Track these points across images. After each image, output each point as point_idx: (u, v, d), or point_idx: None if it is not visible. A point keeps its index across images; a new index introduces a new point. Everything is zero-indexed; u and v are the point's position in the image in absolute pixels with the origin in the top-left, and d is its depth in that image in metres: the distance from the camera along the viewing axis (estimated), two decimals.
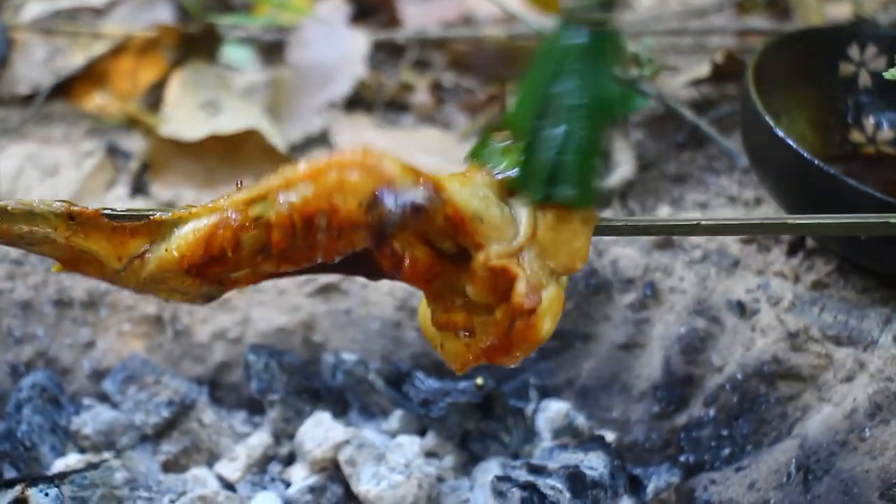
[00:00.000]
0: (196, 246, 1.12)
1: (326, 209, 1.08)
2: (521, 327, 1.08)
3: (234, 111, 2.04)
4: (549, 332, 1.10)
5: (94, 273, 1.13)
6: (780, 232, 1.18)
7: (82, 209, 1.12)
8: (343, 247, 1.10)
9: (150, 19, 2.26)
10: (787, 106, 1.72)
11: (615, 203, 1.82)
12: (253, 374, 1.65)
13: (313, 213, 1.08)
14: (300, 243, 1.10)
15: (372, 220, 1.08)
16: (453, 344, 1.15)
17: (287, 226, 1.10)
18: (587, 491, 1.45)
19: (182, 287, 1.13)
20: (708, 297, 1.68)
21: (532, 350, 1.11)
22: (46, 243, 1.11)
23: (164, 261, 1.12)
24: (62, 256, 1.12)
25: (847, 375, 1.53)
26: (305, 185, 1.09)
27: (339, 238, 1.09)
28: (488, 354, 1.11)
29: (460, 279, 1.12)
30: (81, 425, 1.59)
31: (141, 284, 1.13)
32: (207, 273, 1.12)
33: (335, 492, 1.52)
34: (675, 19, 2.32)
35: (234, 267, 1.12)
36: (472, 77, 2.19)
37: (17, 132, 2.04)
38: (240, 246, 1.11)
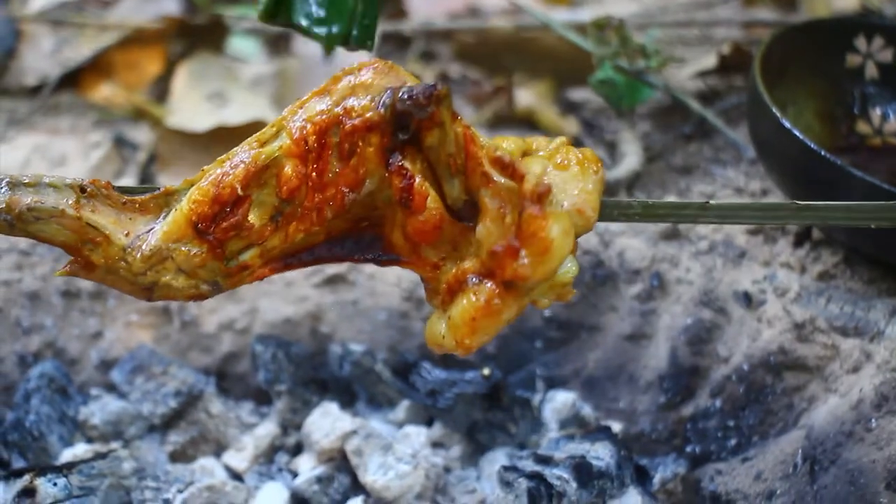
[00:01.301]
0: (206, 193, 1.12)
1: (340, 116, 1.10)
2: (529, 218, 1.06)
3: (241, 102, 2.04)
4: (559, 244, 1.07)
5: (97, 260, 1.12)
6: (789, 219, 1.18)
7: (94, 180, 1.13)
8: (355, 175, 1.10)
9: (156, 11, 2.26)
10: (794, 97, 1.72)
11: (622, 193, 1.82)
12: (260, 364, 1.65)
13: (328, 126, 1.10)
14: (312, 179, 1.11)
15: (385, 115, 1.09)
16: (460, 309, 1.12)
17: (299, 151, 1.11)
18: (594, 481, 1.45)
19: (186, 263, 1.12)
20: (714, 288, 1.68)
21: (541, 262, 1.07)
22: (54, 217, 1.11)
23: (173, 222, 1.12)
24: (67, 239, 1.12)
25: (853, 366, 1.53)
26: (319, 99, 1.12)
27: (351, 157, 1.10)
28: (497, 263, 1.08)
29: (466, 238, 1.12)
30: (89, 415, 1.59)
31: (143, 267, 1.12)
32: (217, 231, 1.12)
33: (342, 482, 1.53)
34: (681, 11, 2.32)
35: (243, 226, 1.12)
36: (479, 68, 2.19)
37: (25, 123, 2.04)
38: (250, 186, 1.12)
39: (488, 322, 1.10)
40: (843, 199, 1.21)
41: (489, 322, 1.10)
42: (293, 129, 1.12)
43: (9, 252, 1.75)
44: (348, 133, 1.11)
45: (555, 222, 1.07)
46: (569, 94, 2.09)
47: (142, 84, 2.15)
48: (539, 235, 1.07)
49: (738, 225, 1.69)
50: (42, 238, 1.12)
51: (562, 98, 2.09)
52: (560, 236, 1.08)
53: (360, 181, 1.11)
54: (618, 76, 1.87)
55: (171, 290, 1.14)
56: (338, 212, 1.12)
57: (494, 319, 1.10)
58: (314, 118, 1.12)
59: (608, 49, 1.85)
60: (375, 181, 1.11)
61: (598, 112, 2.04)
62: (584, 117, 2.04)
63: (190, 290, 1.14)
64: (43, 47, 2.19)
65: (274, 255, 1.14)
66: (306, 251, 1.15)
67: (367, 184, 1.11)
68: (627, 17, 1.99)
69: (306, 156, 1.12)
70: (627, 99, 1.92)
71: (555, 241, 1.07)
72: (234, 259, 1.13)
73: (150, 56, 2.18)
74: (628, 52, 1.85)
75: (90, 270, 1.13)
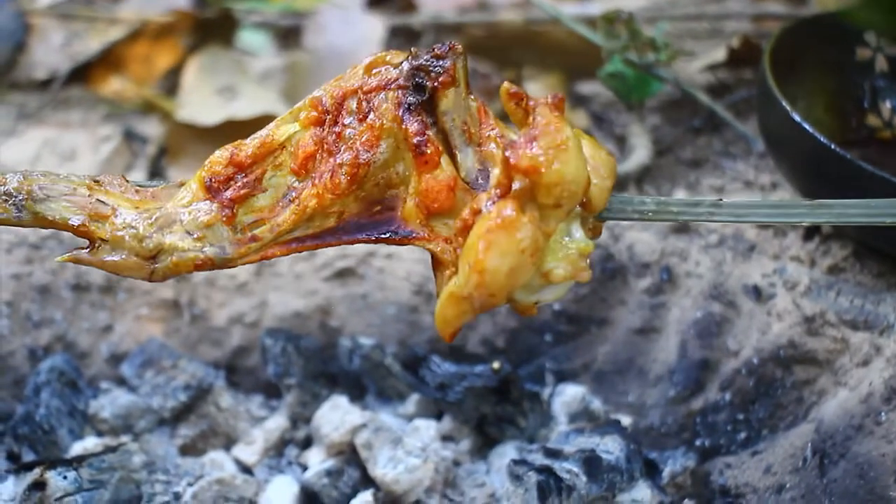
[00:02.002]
0: (221, 154, 1.15)
1: (359, 87, 1.13)
2: (544, 113, 1.07)
3: (251, 96, 2.04)
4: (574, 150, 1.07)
5: (103, 234, 1.12)
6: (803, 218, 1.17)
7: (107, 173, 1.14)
8: (370, 134, 1.12)
9: (166, 4, 2.26)
10: (804, 90, 1.72)
11: (631, 187, 1.82)
12: (270, 358, 1.65)
13: (346, 94, 1.13)
14: (328, 142, 1.12)
15: (403, 71, 1.12)
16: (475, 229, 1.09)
17: (317, 117, 1.14)
18: (603, 475, 1.45)
19: (194, 222, 1.13)
20: (724, 282, 1.68)
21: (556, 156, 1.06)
22: (65, 196, 1.12)
23: (186, 188, 1.14)
24: (74, 217, 1.12)
25: (863, 359, 1.53)
26: (336, 82, 1.15)
27: (367, 117, 1.12)
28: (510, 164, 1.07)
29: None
30: (99, 409, 1.60)
31: (150, 230, 1.12)
32: (229, 192, 1.13)
33: (352, 475, 1.53)
34: (691, 4, 2.32)
35: (256, 189, 1.13)
36: (488, 62, 2.18)
37: (35, 117, 2.04)
38: (266, 158, 1.14)
39: (502, 237, 1.07)
40: (854, 192, 1.21)
41: (503, 237, 1.07)
42: (314, 96, 1.15)
43: (19, 246, 1.75)
44: (366, 92, 1.13)
45: (569, 128, 1.07)
46: (578, 88, 2.09)
47: (152, 78, 2.15)
48: (554, 127, 1.07)
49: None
50: (49, 221, 1.12)
51: (571, 91, 2.09)
52: (575, 143, 1.08)
53: (375, 140, 1.12)
54: (627, 69, 1.87)
55: (177, 256, 1.13)
56: (352, 179, 1.12)
57: (508, 234, 1.07)
58: (333, 90, 1.14)
59: (618, 42, 1.85)
60: (391, 144, 1.12)
61: (607, 105, 2.04)
62: (594, 111, 2.04)
63: (195, 253, 1.13)
64: (53, 41, 2.19)
65: (284, 231, 1.14)
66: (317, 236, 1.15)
67: (382, 146, 1.12)
68: (637, 11, 1.99)
69: (323, 119, 1.14)
70: (637, 92, 1.92)
71: (570, 142, 1.07)
72: (244, 228, 1.14)
73: (160, 50, 2.18)
74: (638, 46, 1.85)
75: (94, 251, 1.13)
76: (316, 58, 2.19)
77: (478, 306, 1.09)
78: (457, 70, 1.12)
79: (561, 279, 1.11)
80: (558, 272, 1.11)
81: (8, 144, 1.94)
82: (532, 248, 1.07)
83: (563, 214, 1.09)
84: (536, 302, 1.13)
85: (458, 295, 1.09)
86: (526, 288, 1.11)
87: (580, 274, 1.12)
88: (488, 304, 1.09)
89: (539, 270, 1.10)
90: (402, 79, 1.12)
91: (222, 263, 1.14)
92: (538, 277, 1.11)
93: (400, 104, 1.12)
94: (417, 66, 1.12)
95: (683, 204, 1.20)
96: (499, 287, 1.08)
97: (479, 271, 1.07)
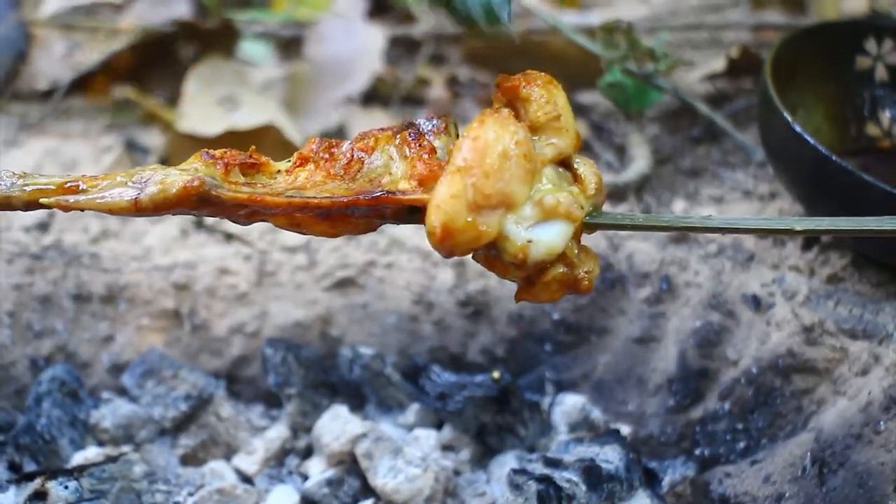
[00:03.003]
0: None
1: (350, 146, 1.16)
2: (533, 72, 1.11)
3: (252, 106, 2.05)
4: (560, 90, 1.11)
5: (91, 184, 1.13)
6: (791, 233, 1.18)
7: None
8: (364, 147, 1.14)
9: (167, 15, 2.27)
10: (804, 99, 1.72)
11: (631, 197, 1.82)
12: (270, 367, 1.65)
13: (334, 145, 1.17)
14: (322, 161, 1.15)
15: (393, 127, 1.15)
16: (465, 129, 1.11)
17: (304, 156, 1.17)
18: (603, 484, 1.45)
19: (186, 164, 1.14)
20: (723, 292, 1.68)
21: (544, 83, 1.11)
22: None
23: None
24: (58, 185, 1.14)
25: (862, 369, 1.53)
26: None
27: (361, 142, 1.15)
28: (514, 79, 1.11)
29: None
30: (100, 419, 1.60)
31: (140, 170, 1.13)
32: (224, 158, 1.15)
33: (352, 485, 1.53)
34: (690, 14, 2.33)
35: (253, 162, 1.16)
36: (488, 71, 2.19)
37: (37, 127, 2.05)
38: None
39: (495, 120, 1.07)
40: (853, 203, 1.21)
41: (496, 121, 1.07)
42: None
43: (20, 256, 1.76)
44: (359, 139, 1.14)
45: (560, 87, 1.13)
46: (578, 98, 2.10)
47: (152, 88, 2.16)
48: (545, 78, 1.13)
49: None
50: (41, 190, 1.13)
51: (571, 101, 2.09)
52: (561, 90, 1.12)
53: (370, 151, 1.13)
54: (626, 79, 1.88)
55: (168, 177, 1.12)
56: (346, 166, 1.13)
57: (502, 122, 1.07)
58: (320, 142, 1.18)
59: (617, 52, 1.85)
60: (385, 155, 1.13)
61: (606, 115, 2.05)
62: (593, 120, 2.05)
63: (186, 175, 1.13)
64: (54, 52, 2.20)
65: (275, 191, 1.14)
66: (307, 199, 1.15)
67: (376, 154, 1.12)
68: (636, 21, 1.99)
69: (317, 147, 1.16)
70: (636, 102, 1.92)
71: (557, 85, 1.12)
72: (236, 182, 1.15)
73: (161, 60, 2.19)
74: (637, 56, 1.85)
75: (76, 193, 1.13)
76: (316, 68, 2.20)
77: (472, 194, 1.06)
78: (448, 122, 1.14)
79: (553, 208, 1.09)
80: (550, 199, 1.09)
81: (10, 155, 1.95)
82: (525, 148, 1.08)
83: (554, 153, 1.10)
84: (530, 241, 1.10)
85: (452, 167, 1.06)
86: (519, 215, 1.09)
87: (572, 208, 1.10)
88: (482, 193, 1.06)
89: (532, 199, 1.09)
90: (394, 128, 1.14)
91: (211, 188, 1.12)
92: (531, 206, 1.09)
93: (394, 135, 1.13)
94: (410, 122, 1.13)
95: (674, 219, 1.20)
96: (492, 167, 1.06)
97: (474, 138, 1.06)
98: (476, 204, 1.06)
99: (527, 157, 1.07)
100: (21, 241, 1.77)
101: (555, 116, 1.09)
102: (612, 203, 1.80)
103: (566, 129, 1.10)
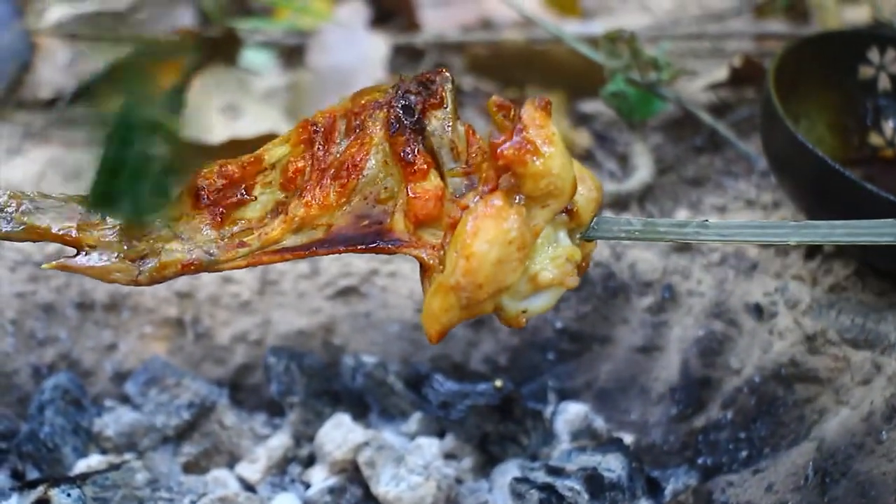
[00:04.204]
0: (211, 167, 1.17)
1: (349, 109, 1.16)
2: (530, 108, 1.08)
3: (254, 115, 2.05)
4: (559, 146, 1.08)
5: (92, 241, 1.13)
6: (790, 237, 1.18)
7: None
8: (359, 148, 1.13)
9: (171, 23, 2.27)
10: (806, 109, 1.72)
11: (633, 206, 1.82)
12: (273, 376, 1.66)
13: (337, 114, 1.16)
14: (317, 157, 1.14)
15: (391, 94, 1.14)
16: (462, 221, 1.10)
17: (307, 135, 1.16)
18: (605, 493, 1.45)
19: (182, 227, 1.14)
20: (726, 300, 1.68)
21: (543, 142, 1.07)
22: (55, 208, 1.15)
23: (175, 199, 1.16)
24: (62, 227, 1.14)
25: (864, 378, 1.53)
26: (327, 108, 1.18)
27: (356, 135, 1.14)
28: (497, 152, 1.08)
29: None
30: (103, 427, 1.60)
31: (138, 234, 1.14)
32: (217, 201, 1.14)
33: (354, 493, 1.53)
34: (693, 23, 2.33)
35: (245, 194, 1.15)
36: (491, 81, 2.19)
37: (40, 136, 2.05)
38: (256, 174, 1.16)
39: (489, 224, 1.07)
40: (856, 212, 1.21)
41: (490, 224, 1.07)
42: (303, 121, 1.18)
43: (23, 264, 1.76)
44: (356, 114, 1.15)
45: (554, 126, 1.09)
46: (580, 107, 2.10)
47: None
48: (539, 122, 1.08)
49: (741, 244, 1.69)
50: (37, 232, 1.13)
51: (573, 110, 2.10)
52: (560, 139, 1.09)
53: (364, 155, 1.13)
54: (629, 89, 1.88)
55: (164, 256, 1.13)
56: (340, 192, 1.13)
57: (496, 222, 1.07)
58: (323, 114, 1.17)
59: (620, 62, 1.86)
60: (380, 160, 1.13)
61: (609, 124, 2.05)
62: (596, 130, 2.05)
63: (182, 254, 1.14)
64: (58, 61, 2.20)
65: (272, 240, 1.14)
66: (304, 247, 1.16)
67: (371, 160, 1.13)
68: (639, 30, 1.99)
69: (313, 139, 1.15)
70: (639, 111, 1.92)
71: (555, 137, 1.08)
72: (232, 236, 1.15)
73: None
74: (640, 65, 1.86)
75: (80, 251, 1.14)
76: (319, 77, 2.20)
77: (465, 301, 1.09)
78: (444, 91, 1.14)
79: (548, 283, 1.11)
80: (545, 275, 1.11)
81: (13, 163, 1.95)
82: (519, 242, 1.08)
83: (550, 215, 1.10)
84: (524, 311, 1.13)
85: (445, 284, 1.09)
86: (513, 293, 1.11)
87: (567, 279, 1.12)
88: (475, 300, 1.09)
89: (527, 274, 1.11)
90: (390, 100, 1.14)
91: (209, 265, 1.14)
92: (526, 282, 1.11)
93: (388, 122, 1.13)
94: (406, 89, 1.14)
95: (670, 224, 1.20)
96: (486, 277, 1.08)
97: (467, 256, 1.07)
98: (469, 305, 1.10)
99: (521, 247, 1.09)
100: (24, 249, 1.77)
101: (549, 191, 1.09)
102: (615, 212, 1.80)
103: (562, 192, 1.10)
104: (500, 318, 1.14)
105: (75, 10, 2.32)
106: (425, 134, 1.13)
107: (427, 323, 1.11)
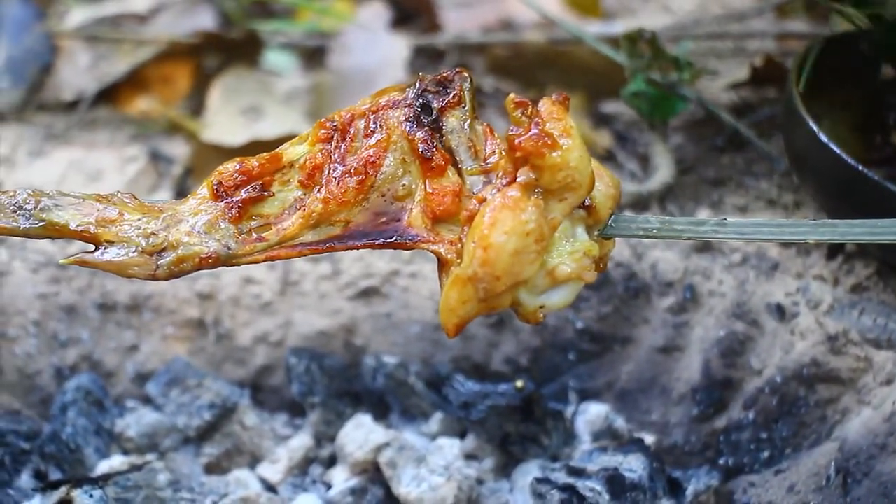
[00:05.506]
0: (231, 163, 1.17)
1: (368, 110, 1.16)
2: (548, 105, 1.09)
3: (276, 116, 2.05)
4: (577, 139, 1.09)
5: (110, 237, 1.14)
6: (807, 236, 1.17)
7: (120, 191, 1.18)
8: (377, 146, 1.14)
9: (192, 25, 2.28)
10: (828, 108, 1.72)
11: (654, 206, 1.82)
12: (294, 377, 1.66)
13: (356, 115, 1.16)
14: (337, 152, 1.15)
15: (410, 94, 1.15)
16: (479, 213, 1.10)
17: (326, 134, 1.16)
18: (626, 493, 1.45)
19: (201, 221, 1.14)
20: (747, 301, 1.68)
21: (561, 135, 1.08)
22: (73, 205, 1.15)
23: (194, 193, 1.17)
24: (81, 223, 1.14)
25: (887, 378, 1.53)
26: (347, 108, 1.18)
27: (374, 133, 1.15)
28: (515, 144, 1.09)
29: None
30: (125, 427, 1.61)
31: (157, 227, 1.14)
32: (236, 196, 1.15)
33: (376, 494, 1.53)
34: (714, 23, 2.32)
35: (264, 190, 1.15)
36: (512, 81, 2.19)
37: (62, 138, 2.06)
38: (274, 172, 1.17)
39: (507, 215, 1.08)
40: (878, 212, 1.21)
41: (508, 215, 1.08)
42: (323, 120, 1.18)
43: (46, 266, 1.77)
44: (374, 112, 1.16)
45: (573, 122, 1.09)
46: (602, 107, 2.10)
47: (177, 98, 2.17)
48: (557, 115, 1.09)
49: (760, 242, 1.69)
50: (56, 229, 1.14)
51: (595, 111, 2.10)
52: (577, 132, 1.09)
53: (382, 152, 1.13)
54: (650, 89, 1.87)
55: (182, 250, 1.14)
56: (358, 188, 1.13)
57: (513, 214, 1.08)
58: (343, 112, 1.17)
59: (641, 62, 1.85)
60: (397, 157, 1.13)
61: (630, 125, 2.04)
62: (617, 130, 2.04)
63: (200, 247, 1.14)
64: (79, 63, 2.21)
65: (290, 236, 1.15)
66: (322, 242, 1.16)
67: (388, 158, 1.13)
68: (660, 30, 1.99)
69: (331, 136, 1.16)
70: (660, 111, 1.92)
71: (573, 130, 1.09)
72: (250, 231, 1.15)
73: (186, 71, 2.20)
74: (661, 65, 1.85)
75: (98, 247, 1.15)
76: (340, 78, 2.20)
77: (482, 293, 1.09)
78: (462, 91, 1.14)
79: (566, 277, 1.11)
80: (563, 269, 1.11)
81: (35, 165, 1.96)
82: (537, 234, 1.08)
83: (567, 208, 1.10)
84: (542, 306, 1.13)
85: (463, 276, 1.09)
86: (531, 286, 1.11)
87: (585, 273, 1.12)
88: (493, 292, 1.09)
89: (544, 268, 1.11)
90: (409, 99, 1.14)
91: (227, 259, 1.15)
92: (544, 276, 1.11)
93: (407, 120, 1.13)
94: (424, 88, 1.14)
95: (688, 223, 1.20)
96: (503, 268, 1.08)
97: (484, 247, 1.08)
98: (487, 297, 1.10)
99: (539, 239, 1.09)
100: (47, 250, 1.78)
101: (567, 183, 1.09)
102: (635, 212, 1.79)
103: (580, 185, 1.10)
104: (518, 314, 1.14)
105: (97, 13, 2.33)
106: (443, 132, 1.14)
107: (444, 316, 1.12)
